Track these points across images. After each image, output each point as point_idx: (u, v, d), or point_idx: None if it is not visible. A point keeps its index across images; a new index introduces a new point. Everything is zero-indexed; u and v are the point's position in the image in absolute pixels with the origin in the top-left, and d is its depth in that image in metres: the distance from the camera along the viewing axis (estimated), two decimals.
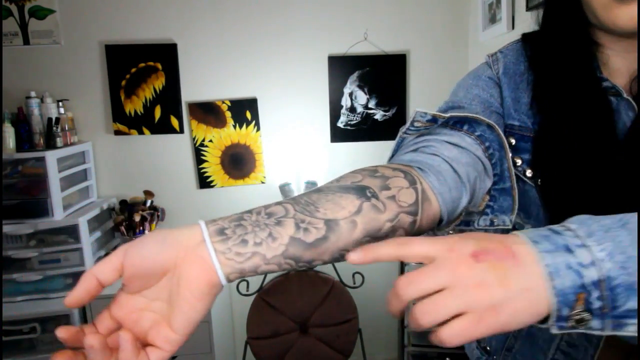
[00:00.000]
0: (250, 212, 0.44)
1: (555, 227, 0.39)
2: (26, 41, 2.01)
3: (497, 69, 0.67)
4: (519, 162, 0.63)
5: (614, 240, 0.36)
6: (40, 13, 2.00)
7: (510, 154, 0.60)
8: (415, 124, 0.56)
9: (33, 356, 1.76)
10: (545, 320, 0.37)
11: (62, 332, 0.39)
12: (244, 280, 1.83)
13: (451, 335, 0.35)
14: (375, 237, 0.45)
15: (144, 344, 0.41)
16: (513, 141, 0.63)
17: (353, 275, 1.88)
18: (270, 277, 1.86)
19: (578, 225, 0.38)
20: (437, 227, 0.53)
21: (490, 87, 0.65)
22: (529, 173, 0.62)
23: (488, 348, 0.76)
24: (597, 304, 0.35)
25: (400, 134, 0.58)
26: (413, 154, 0.55)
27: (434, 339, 0.36)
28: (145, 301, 0.42)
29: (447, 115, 0.56)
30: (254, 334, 1.77)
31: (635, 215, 0.38)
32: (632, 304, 0.35)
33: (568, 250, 0.36)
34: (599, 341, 0.60)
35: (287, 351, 1.77)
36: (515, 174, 0.62)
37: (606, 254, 0.35)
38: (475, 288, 0.35)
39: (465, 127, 0.58)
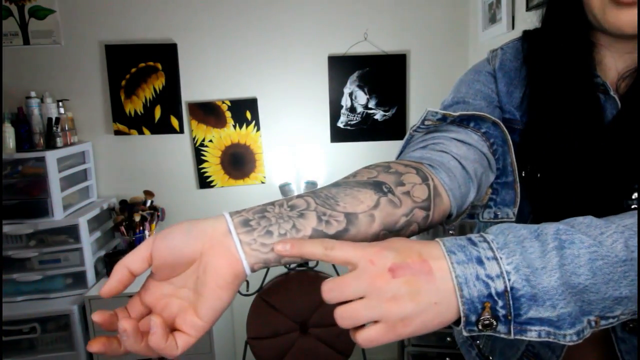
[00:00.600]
0: (272, 204, 0.45)
1: (473, 237, 0.42)
2: (26, 41, 2.01)
3: (494, 63, 0.69)
4: None
5: (524, 254, 0.40)
6: (40, 13, 2.00)
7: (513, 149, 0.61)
8: (426, 122, 0.58)
9: (33, 356, 1.76)
10: (456, 323, 0.40)
11: (97, 317, 0.41)
12: (244, 280, 1.83)
13: (364, 339, 0.40)
14: (391, 230, 0.47)
15: (171, 328, 0.43)
16: None
17: None
18: (270, 277, 1.86)
19: (494, 236, 0.42)
20: (445, 221, 0.55)
21: (490, 82, 0.67)
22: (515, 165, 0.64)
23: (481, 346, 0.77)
24: (502, 312, 0.39)
25: (410, 131, 0.60)
26: (422, 151, 0.57)
27: (351, 337, 0.41)
28: (172, 288, 0.43)
29: (457, 114, 0.57)
30: (254, 334, 1.77)
31: (549, 226, 0.41)
32: (533, 312, 0.39)
33: (480, 262, 0.40)
34: None
35: (287, 351, 1.77)
36: None
37: (513, 267, 0.39)
38: (389, 301, 0.38)
39: (472, 125, 0.59)
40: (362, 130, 2.18)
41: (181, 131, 2.12)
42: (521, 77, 0.65)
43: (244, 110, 2.13)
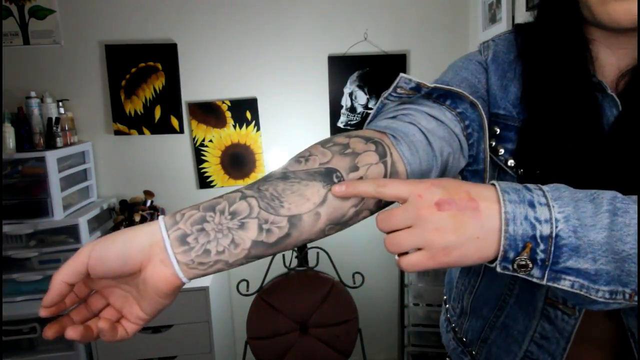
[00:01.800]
0: (213, 210, 0.44)
1: (530, 185, 0.44)
2: (26, 41, 2.01)
3: (487, 54, 0.66)
4: (501, 151, 0.62)
5: (576, 208, 0.41)
6: (40, 13, 2.00)
7: (489, 137, 0.60)
8: (398, 90, 0.56)
9: (33, 356, 1.76)
10: (493, 261, 0.42)
11: (44, 312, 0.43)
12: (244, 280, 1.83)
13: (407, 264, 0.42)
14: (338, 223, 0.47)
15: (119, 313, 0.45)
16: (497, 130, 0.63)
17: (353, 275, 1.88)
18: (270, 277, 1.86)
19: (550, 189, 0.43)
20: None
21: (479, 72, 0.65)
22: (510, 163, 0.62)
23: (464, 339, 0.76)
24: (540, 256, 0.40)
25: (381, 98, 0.58)
26: (390, 121, 0.55)
27: (397, 263, 0.44)
28: (116, 282, 0.45)
29: (432, 85, 0.55)
30: (254, 334, 1.77)
31: (606, 192, 0.42)
32: (571, 262, 0.40)
33: (531, 205, 0.41)
34: (569, 335, 0.61)
35: (287, 351, 1.77)
36: (497, 163, 0.62)
37: (563, 216, 0.40)
38: (433, 231, 0.41)
39: (448, 102, 0.58)
40: None
41: (181, 131, 2.12)
42: (517, 72, 0.63)
43: (244, 110, 2.13)
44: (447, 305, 0.84)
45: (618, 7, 0.51)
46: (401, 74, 0.55)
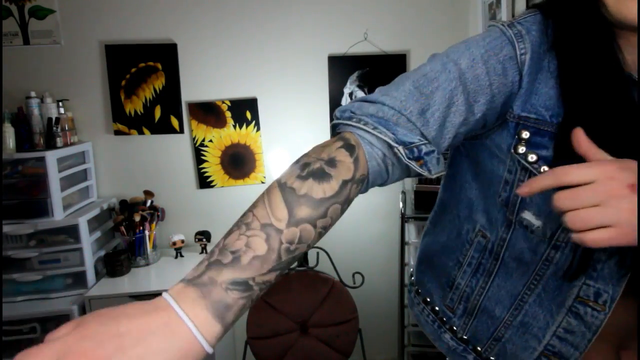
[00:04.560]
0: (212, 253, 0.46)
1: None
2: (26, 41, 2.01)
3: (524, 49, 0.57)
4: (533, 157, 0.57)
5: None
6: (40, 13, 2.00)
7: (517, 143, 0.58)
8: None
9: None
10: None
11: None
12: None
13: (595, 241, 0.43)
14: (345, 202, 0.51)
15: None
16: (527, 135, 0.57)
17: (353, 275, 1.88)
18: None
19: None
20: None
21: (498, 73, 0.57)
22: (544, 170, 0.57)
23: (465, 337, 0.75)
24: None
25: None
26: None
27: (576, 238, 0.44)
28: None
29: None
30: (254, 334, 1.77)
31: None
32: None
33: None
34: (597, 328, 0.61)
35: (287, 351, 1.77)
36: (527, 168, 0.58)
37: None
38: (627, 211, 0.42)
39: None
40: None
41: (181, 131, 2.12)
42: (550, 68, 0.57)
43: (244, 110, 2.13)
44: (437, 308, 0.80)
45: (632, 6, 0.49)
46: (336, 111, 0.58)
